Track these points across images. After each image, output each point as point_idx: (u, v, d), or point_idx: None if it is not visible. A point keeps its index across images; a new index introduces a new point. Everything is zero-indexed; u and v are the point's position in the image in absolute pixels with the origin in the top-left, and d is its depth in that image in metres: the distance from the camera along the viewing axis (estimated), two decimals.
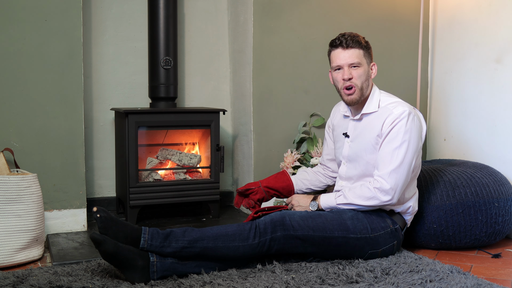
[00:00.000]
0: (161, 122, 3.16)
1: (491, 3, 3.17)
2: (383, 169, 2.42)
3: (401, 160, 2.41)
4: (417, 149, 2.47)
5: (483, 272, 2.40)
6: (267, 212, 2.44)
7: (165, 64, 3.23)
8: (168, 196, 3.16)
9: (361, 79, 2.49)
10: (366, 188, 2.45)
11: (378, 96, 2.53)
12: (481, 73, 3.23)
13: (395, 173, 2.40)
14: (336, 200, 2.49)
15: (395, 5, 3.57)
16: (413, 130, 2.44)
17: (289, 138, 3.40)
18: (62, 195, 2.93)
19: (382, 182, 2.41)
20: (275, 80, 3.36)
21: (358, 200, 2.45)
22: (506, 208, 2.71)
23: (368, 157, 2.51)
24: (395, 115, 2.43)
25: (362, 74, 2.50)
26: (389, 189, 2.40)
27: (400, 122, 2.42)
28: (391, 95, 2.57)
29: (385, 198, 2.42)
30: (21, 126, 2.84)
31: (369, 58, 2.53)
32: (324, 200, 2.52)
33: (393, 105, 2.48)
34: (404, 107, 2.46)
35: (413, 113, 2.46)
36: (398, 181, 2.41)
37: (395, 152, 2.42)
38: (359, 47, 2.48)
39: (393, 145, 2.42)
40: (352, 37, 2.49)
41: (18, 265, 2.47)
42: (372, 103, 2.52)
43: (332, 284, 2.17)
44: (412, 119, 2.44)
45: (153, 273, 2.20)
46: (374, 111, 2.51)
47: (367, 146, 2.51)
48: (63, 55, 2.89)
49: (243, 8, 3.41)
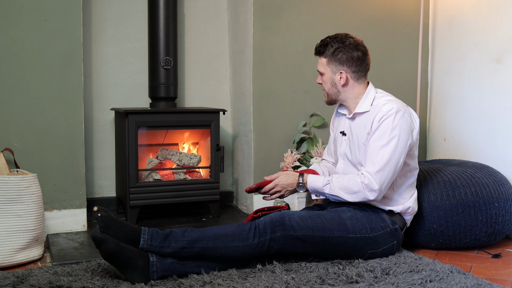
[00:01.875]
0: (161, 122, 3.16)
1: (491, 3, 3.17)
2: (370, 166, 2.42)
3: (388, 158, 2.41)
4: (406, 147, 2.45)
5: (483, 272, 2.40)
6: (266, 212, 2.45)
7: (165, 64, 3.23)
8: (168, 196, 3.16)
9: (326, 86, 2.58)
10: (354, 181, 2.44)
11: (373, 96, 2.54)
12: (481, 73, 3.23)
13: (382, 171, 2.41)
14: (323, 188, 2.49)
15: (395, 5, 3.57)
16: (402, 127, 2.43)
17: (289, 138, 3.40)
18: (62, 195, 2.93)
19: (370, 180, 2.41)
20: (275, 80, 3.36)
21: (343, 192, 2.45)
22: (506, 208, 2.71)
23: (362, 156, 2.52)
24: (383, 112, 2.44)
25: (326, 81, 2.57)
26: (377, 189, 2.41)
27: (387, 119, 2.43)
28: (387, 94, 2.57)
29: (371, 196, 2.43)
30: (21, 126, 2.84)
31: (335, 66, 2.52)
32: (311, 182, 2.52)
33: (383, 103, 2.48)
34: (393, 104, 2.46)
35: (402, 111, 2.45)
36: (384, 179, 2.41)
37: (382, 149, 2.42)
38: (324, 56, 2.54)
39: (381, 142, 2.43)
40: (321, 45, 2.55)
41: (18, 265, 2.47)
42: (365, 102, 2.53)
43: (332, 284, 2.17)
44: (402, 116, 2.43)
45: (153, 273, 2.21)
46: (366, 111, 2.52)
47: (360, 145, 2.52)
48: (63, 55, 2.90)
49: (243, 8, 3.41)
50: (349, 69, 2.51)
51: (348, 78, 2.52)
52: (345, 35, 2.54)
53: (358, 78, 2.54)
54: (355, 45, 2.51)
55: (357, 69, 2.52)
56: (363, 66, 2.53)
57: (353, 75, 2.53)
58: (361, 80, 2.55)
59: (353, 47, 2.51)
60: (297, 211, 2.47)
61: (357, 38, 2.55)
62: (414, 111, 2.57)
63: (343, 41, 2.51)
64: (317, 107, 3.41)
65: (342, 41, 2.51)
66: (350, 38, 2.52)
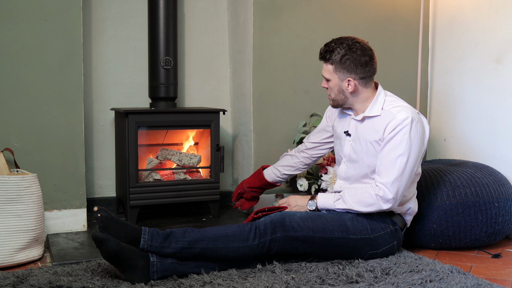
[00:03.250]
0: (161, 122, 3.16)
1: (491, 3, 3.17)
2: (385, 177, 2.40)
3: (403, 169, 2.39)
4: (420, 157, 2.45)
5: (483, 272, 2.40)
6: (267, 213, 2.45)
7: (165, 64, 3.23)
8: (168, 196, 3.16)
9: (333, 92, 2.52)
10: (368, 194, 2.42)
11: (383, 99, 2.49)
12: (481, 73, 3.23)
13: (398, 182, 2.39)
14: (334, 204, 2.48)
15: (395, 5, 3.57)
16: (416, 137, 2.41)
17: (289, 138, 3.40)
18: (62, 195, 2.93)
19: (385, 191, 2.39)
20: (275, 80, 3.36)
21: (358, 206, 2.43)
22: (506, 208, 2.71)
23: (369, 160, 2.49)
24: (397, 121, 2.39)
25: (333, 88, 2.51)
26: (391, 199, 2.40)
27: (403, 129, 2.38)
28: (397, 98, 2.53)
29: (386, 206, 2.41)
30: (21, 126, 2.84)
31: (342, 73, 2.46)
32: (321, 201, 2.51)
33: (396, 110, 2.43)
34: (407, 113, 2.41)
35: (416, 120, 2.42)
36: (400, 189, 2.40)
37: (398, 160, 2.39)
38: (330, 62, 2.47)
39: (396, 153, 2.39)
40: (326, 51, 2.47)
41: (18, 265, 2.47)
42: (375, 106, 2.49)
43: (332, 284, 2.17)
44: (415, 126, 2.40)
45: (153, 273, 2.21)
46: (376, 115, 2.48)
47: (368, 149, 2.49)
48: (63, 55, 2.89)
49: (243, 8, 3.41)
50: (357, 76, 2.45)
51: (357, 84, 2.47)
52: (351, 39, 2.46)
53: (366, 83, 2.49)
54: (362, 51, 2.44)
55: (365, 75, 2.46)
56: (371, 70, 2.48)
57: (361, 82, 2.47)
58: (369, 84, 2.50)
59: (361, 53, 2.43)
60: (297, 212, 2.47)
61: (363, 41, 2.48)
62: (424, 117, 2.55)
63: (350, 47, 2.43)
64: (317, 107, 3.41)
65: (349, 48, 2.43)
66: (357, 43, 2.44)
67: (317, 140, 2.82)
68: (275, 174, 2.90)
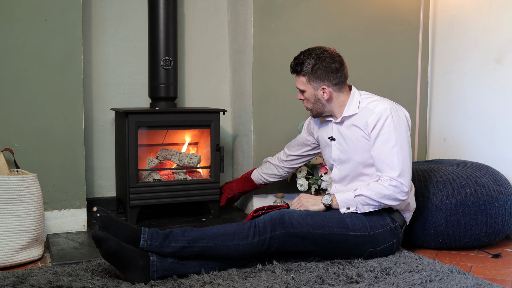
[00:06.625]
0: (161, 122, 3.16)
1: (491, 3, 3.17)
2: (390, 171, 2.43)
3: (403, 156, 2.43)
4: (409, 139, 2.50)
5: (483, 272, 2.40)
6: (266, 211, 2.45)
7: (165, 64, 3.23)
8: (168, 196, 3.16)
9: (309, 102, 2.59)
10: (381, 185, 2.42)
11: (358, 98, 2.55)
12: (481, 73, 3.23)
13: (404, 171, 2.42)
14: (355, 193, 2.45)
15: (395, 5, 3.57)
16: (401, 123, 2.47)
17: (289, 138, 3.39)
18: (62, 195, 2.93)
19: (397, 184, 2.41)
20: (275, 80, 3.36)
21: (377, 196, 2.42)
22: (506, 208, 2.71)
23: (359, 157, 2.53)
24: (377, 114, 2.45)
25: (309, 98, 2.58)
26: (407, 191, 2.44)
27: (386, 120, 2.44)
28: (372, 95, 2.59)
29: (402, 196, 2.44)
30: (21, 126, 2.84)
31: (316, 83, 2.52)
32: (340, 196, 2.48)
33: (373, 105, 2.50)
34: (384, 104, 2.48)
35: (394, 107, 2.48)
36: (408, 177, 2.44)
37: (394, 150, 2.43)
38: (302, 74, 2.53)
39: (390, 144, 2.43)
40: (297, 63, 2.53)
41: (18, 265, 2.48)
42: (351, 106, 2.54)
43: (332, 284, 2.17)
44: (396, 113, 2.46)
45: (153, 273, 2.21)
46: (354, 113, 2.53)
47: (355, 147, 2.53)
48: (63, 55, 2.90)
49: (243, 8, 3.41)
50: (331, 83, 2.52)
51: (331, 91, 2.53)
52: (319, 49, 2.53)
53: (341, 88, 2.55)
54: (331, 58, 2.50)
55: (338, 80, 2.53)
56: (343, 75, 2.54)
57: (336, 88, 2.54)
58: (343, 88, 2.56)
59: (330, 60, 2.50)
60: (296, 210, 2.47)
61: (330, 48, 2.55)
62: (401, 106, 2.58)
63: (319, 56, 2.50)
64: None
65: (318, 57, 2.50)
66: (325, 51, 2.52)
67: (298, 153, 2.95)
68: (261, 180, 3.14)
